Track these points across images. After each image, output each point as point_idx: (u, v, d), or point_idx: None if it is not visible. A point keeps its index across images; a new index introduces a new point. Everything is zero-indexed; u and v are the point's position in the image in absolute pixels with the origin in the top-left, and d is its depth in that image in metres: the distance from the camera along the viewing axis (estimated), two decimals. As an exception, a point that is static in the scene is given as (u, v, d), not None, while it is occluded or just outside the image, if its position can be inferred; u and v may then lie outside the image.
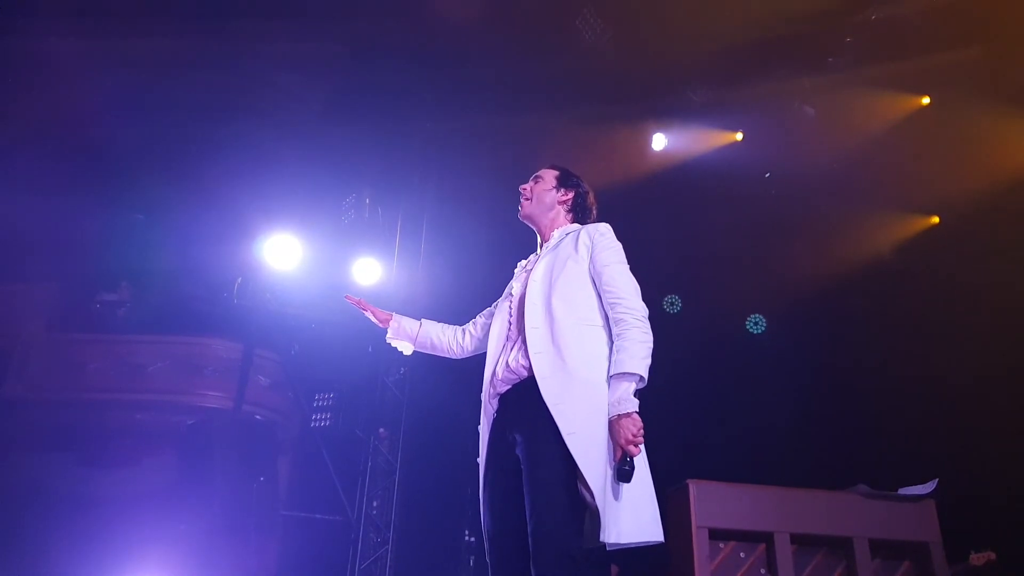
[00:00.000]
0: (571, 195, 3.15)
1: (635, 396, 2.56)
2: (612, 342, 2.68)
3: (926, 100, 7.18)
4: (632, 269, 2.87)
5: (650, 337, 2.66)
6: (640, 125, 7.96)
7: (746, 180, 7.84)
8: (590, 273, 2.82)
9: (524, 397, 2.68)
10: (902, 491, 4.75)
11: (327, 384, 8.54)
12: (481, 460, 2.79)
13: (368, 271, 7.89)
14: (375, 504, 7.85)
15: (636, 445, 2.47)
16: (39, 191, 6.95)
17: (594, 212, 3.18)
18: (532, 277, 2.88)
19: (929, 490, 4.67)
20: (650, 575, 5.11)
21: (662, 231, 7.69)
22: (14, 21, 6.40)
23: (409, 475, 7.92)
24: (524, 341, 2.74)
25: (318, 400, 8.58)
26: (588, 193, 3.19)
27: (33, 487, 7.17)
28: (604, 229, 2.93)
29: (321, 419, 8.53)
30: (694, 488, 4.46)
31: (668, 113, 7.88)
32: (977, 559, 4.54)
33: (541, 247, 3.12)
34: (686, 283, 8.15)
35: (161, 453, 7.82)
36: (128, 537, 6.72)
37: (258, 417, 8.14)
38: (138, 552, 6.63)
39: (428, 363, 8.44)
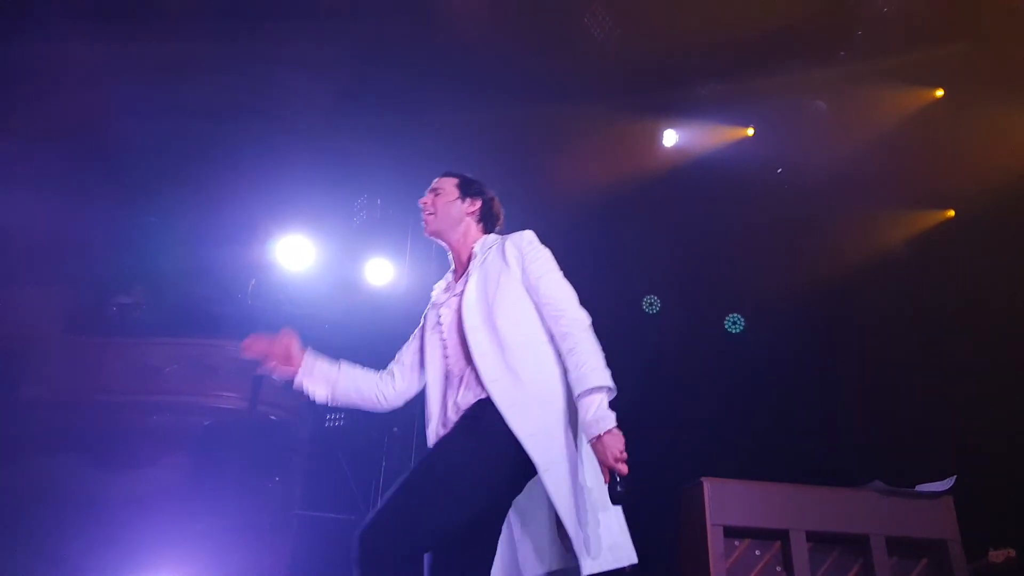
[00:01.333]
0: (479, 204, 2.93)
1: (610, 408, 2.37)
2: (559, 357, 2.51)
3: (940, 93, 7.12)
4: (643, 265, 2.83)
5: (599, 346, 2.49)
6: (651, 121, 7.93)
7: (758, 176, 7.81)
8: (524, 285, 2.63)
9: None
10: (919, 488, 4.71)
11: (341, 384, 8.54)
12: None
13: (380, 271, 7.91)
14: (389, 503, 7.86)
15: (624, 462, 2.28)
16: (53, 195, 7.00)
17: (501, 218, 3.00)
18: (465, 301, 2.62)
19: (947, 487, 4.63)
20: (664, 573, 5.10)
21: (674, 227, 7.67)
22: (28, 26, 6.45)
23: (423, 474, 7.92)
24: (475, 372, 2.48)
25: (332, 400, 8.58)
26: (494, 199, 2.99)
27: (49, 487, 7.22)
28: (530, 237, 2.76)
29: (335, 419, 8.54)
30: (708, 486, 4.44)
31: (679, 109, 7.85)
32: (996, 556, 4.50)
33: (458, 266, 2.89)
34: (697, 280, 8.11)
35: (177, 454, 7.86)
36: (144, 537, 6.75)
37: (273, 417, 8.16)
38: (154, 552, 6.66)
39: (441, 362, 8.48)
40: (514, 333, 2.52)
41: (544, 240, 3.05)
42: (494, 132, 7.68)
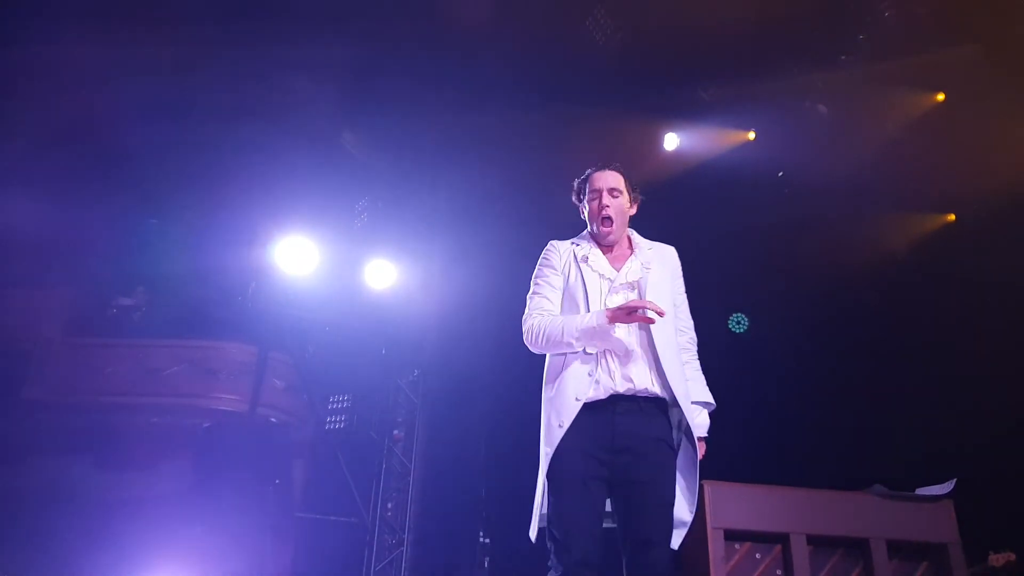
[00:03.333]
0: (636, 206, 3.16)
1: None
2: None
3: (941, 97, 7.12)
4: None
5: None
6: (652, 125, 7.94)
7: (759, 179, 7.81)
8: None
9: (646, 418, 2.80)
10: (920, 491, 4.71)
11: (341, 386, 8.56)
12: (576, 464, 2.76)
13: (381, 274, 7.92)
14: (390, 506, 7.88)
15: None
16: (56, 196, 7.01)
17: None
18: (650, 297, 2.86)
19: (947, 490, 4.62)
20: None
21: (675, 230, 7.66)
22: (31, 28, 6.46)
23: (423, 477, 7.94)
24: (652, 357, 2.82)
25: (333, 402, 8.60)
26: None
27: (51, 489, 7.22)
28: (677, 255, 3.17)
29: (336, 421, 8.55)
30: (709, 489, 4.44)
31: (680, 113, 7.86)
32: (996, 560, 4.49)
33: (613, 248, 3.08)
34: (697, 283, 8.10)
35: (177, 456, 7.85)
36: (145, 539, 6.75)
37: (273, 420, 8.16)
38: (154, 554, 6.66)
39: (441, 365, 8.52)
40: (676, 337, 2.99)
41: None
42: (496, 135, 7.69)
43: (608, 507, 2.79)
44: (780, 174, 7.93)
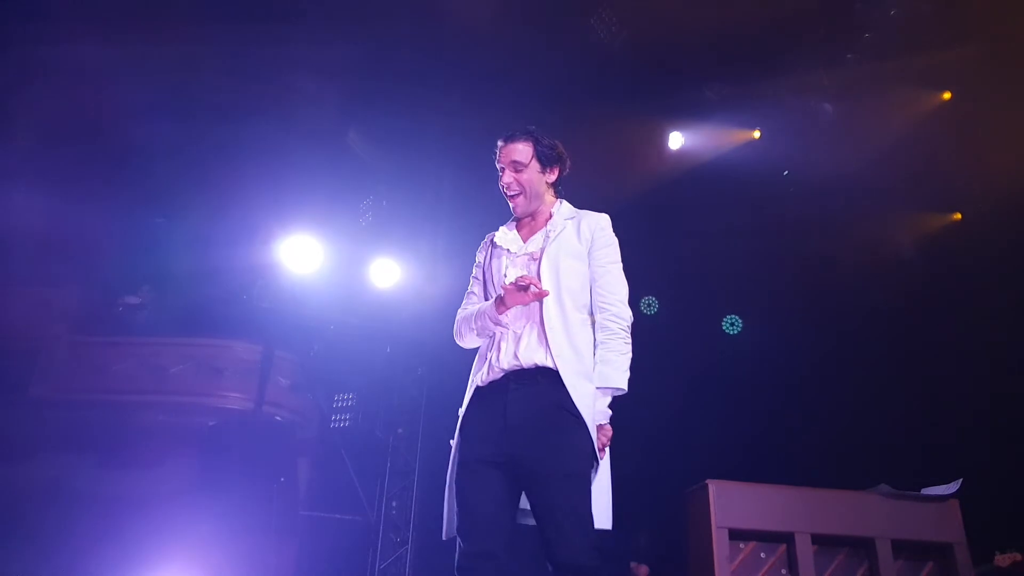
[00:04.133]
0: (557, 172, 2.92)
1: None
2: (594, 335, 2.73)
3: (947, 95, 7.10)
4: (649, 269, 2.86)
5: (630, 346, 2.72)
6: (657, 123, 7.93)
7: (764, 178, 7.80)
8: (588, 267, 2.78)
9: (538, 391, 2.62)
10: (925, 491, 4.69)
11: (346, 385, 8.58)
12: (469, 448, 2.67)
13: (386, 272, 7.93)
14: (394, 504, 7.89)
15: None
16: (63, 195, 7.03)
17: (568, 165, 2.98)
18: (542, 269, 2.73)
19: (953, 490, 4.61)
20: (674, 575, 5.09)
21: (680, 229, 7.67)
22: (39, 28, 6.48)
23: (428, 475, 7.94)
24: (541, 337, 2.66)
25: (338, 401, 8.62)
26: (567, 160, 2.96)
27: (57, 487, 7.25)
28: (605, 223, 2.86)
29: (341, 420, 8.57)
30: (714, 488, 4.43)
31: (685, 112, 7.85)
32: (1002, 560, 4.48)
33: (528, 222, 2.93)
34: (705, 283, 8.10)
35: (183, 454, 7.87)
36: (150, 537, 6.77)
37: (278, 418, 8.18)
38: (159, 552, 6.68)
39: (445, 363, 8.51)
40: (577, 311, 2.71)
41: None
42: (500, 134, 7.68)
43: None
44: (785, 173, 7.92)
